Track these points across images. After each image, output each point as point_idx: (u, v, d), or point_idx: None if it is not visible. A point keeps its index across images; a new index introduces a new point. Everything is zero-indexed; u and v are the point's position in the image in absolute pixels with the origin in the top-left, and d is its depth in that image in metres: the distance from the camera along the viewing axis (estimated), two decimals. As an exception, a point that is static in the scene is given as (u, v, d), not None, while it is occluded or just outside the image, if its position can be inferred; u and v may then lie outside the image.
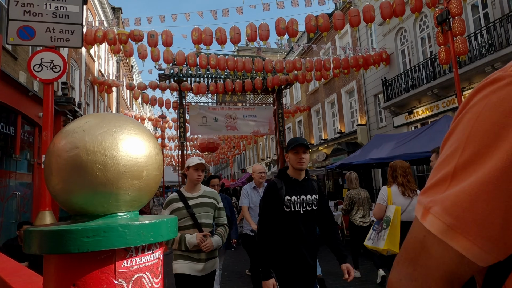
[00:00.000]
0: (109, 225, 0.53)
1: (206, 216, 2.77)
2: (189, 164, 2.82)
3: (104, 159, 0.57)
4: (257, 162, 33.84)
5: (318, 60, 12.69)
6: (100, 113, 0.65)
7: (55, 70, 3.19)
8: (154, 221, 0.57)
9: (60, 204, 0.61)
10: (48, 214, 2.97)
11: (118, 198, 0.59)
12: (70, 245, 0.51)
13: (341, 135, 16.78)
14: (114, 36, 9.87)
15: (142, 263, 0.58)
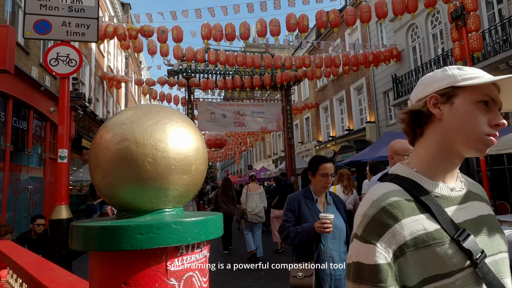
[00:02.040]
0: (163, 222, 0.50)
1: None
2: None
3: (155, 152, 0.54)
4: (264, 159, 33.84)
5: (327, 56, 12.57)
6: (145, 104, 0.63)
7: (71, 64, 3.19)
8: (205, 218, 0.55)
9: (105, 198, 0.59)
10: (64, 208, 2.98)
11: (167, 193, 0.57)
12: (123, 242, 0.48)
13: (349, 133, 16.66)
14: (124, 31, 9.87)
15: (192, 262, 0.55)
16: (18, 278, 1.48)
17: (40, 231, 5.11)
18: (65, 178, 3.13)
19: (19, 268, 1.30)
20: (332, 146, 18.35)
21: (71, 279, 1.04)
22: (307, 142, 22.88)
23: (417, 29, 12.64)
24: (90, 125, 11.77)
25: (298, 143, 23.80)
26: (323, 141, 19.95)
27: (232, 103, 15.69)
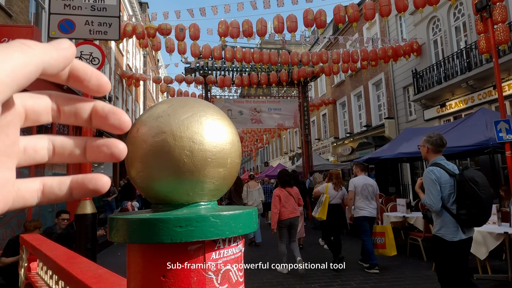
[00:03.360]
0: (201, 215, 0.50)
1: None
2: None
3: (192, 144, 0.54)
4: (280, 156, 33.77)
5: (345, 52, 12.39)
6: (181, 97, 0.62)
7: (94, 62, 3.25)
8: (242, 212, 0.54)
9: (141, 192, 0.59)
10: (88, 203, 3.06)
11: (204, 186, 0.56)
12: (163, 234, 0.48)
13: (367, 129, 16.41)
14: (143, 30, 10.02)
15: (229, 256, 0.55)
16: (48, 270, 1.53)
17: (64, 226, 5.27)
18: (89, 173, 3.20)
19: (50, 260, 1.34)
20: (350, 142, 18.12)
21: (101, 272, 1.06)
22: (324, 138, 22.68)
23: (438, 22, 12.28)
24: (110, 122, 12.04)
25: (315, 140, 23.62)
26: (341, 137, 19.72)
27: (249, 100, 15.71)
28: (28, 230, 4.20)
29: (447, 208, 2.91)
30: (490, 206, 2.84)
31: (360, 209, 5.54)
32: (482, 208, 2.76)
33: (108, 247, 8.24)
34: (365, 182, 5.68)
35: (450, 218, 2.90)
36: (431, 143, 3.08)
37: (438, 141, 3.06)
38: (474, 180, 2.78)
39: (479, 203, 2.74)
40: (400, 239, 7.34)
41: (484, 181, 2.83)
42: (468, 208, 2.80)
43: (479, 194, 2.74)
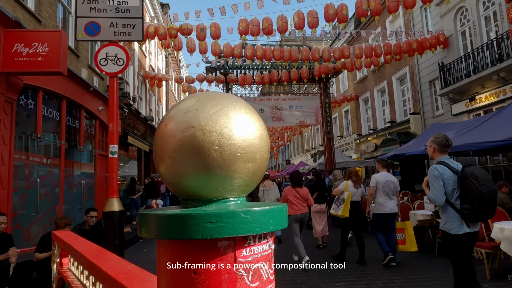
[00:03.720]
0: (232, 211, 0.49)
1: None
2: None
3: (221, 139, 0.53)
4: (302, 153, 33.52)
5: (368, 46, 12.11)
6: (209, 92, 0.62)
7: (119, 63, 3.34)
8: (273, 208, 0.53)
9: (170, 188, 0.58)
10: (116, 201, 3.14)
11: (233, 182, 0.55)
12: (193, 230, 0.47)
13: (392, 125, 16.00)
14: (165, 31, 10.17)
15: (260, 253, 0.53)
16: (79, 265, 1.57)
17: (93, 223, 5.44)
18: (115, 172, 3.29)
19: (81, 256, 1.38)
20: (373, 139, 17.74)
21: (130, 267, 1.07)
22: (347, 135, 22.32)
23: (466, 12, 11.79)
24: (135, 122, 12.31)
25: (337, 137, 23.28)
26: (364, 134, 19.34)
27: (270, 97, 15.66)
28: (59, 227, 4.36)
29: (451, 203, 3.04)
30: (492, 200, 2.91)
31: (380, 205, 5.62)
32: (483, 202, 2.86)
33: (134, 244, 8.46)
34: (387, 178, 5.70)
35: (454, 213, 3.03)
36: (437, 143, 3.23)
37: (444, 142, 3.20)
38: (475, 175, 2.91)
39: (480, 198, 2.85)
40: (428, 238, 7.11)
41: (485, 176, 2.94)
42: (470, 202, 2.91)
43: (479, 189, 2.85)
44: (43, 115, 6.14)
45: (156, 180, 12.23)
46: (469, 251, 3.06)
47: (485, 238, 5.47)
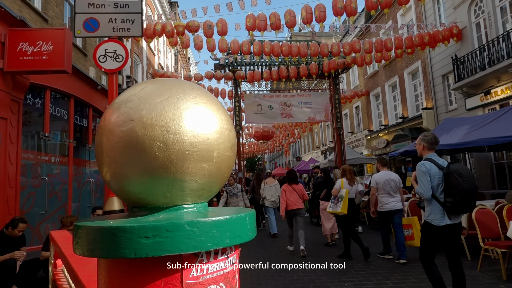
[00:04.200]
0: (174, 223, 0.39)
1: None
2: None
3: (166, 134, 0.43)
4: (312, 150, 33.27)
5: (378, 40, 11.84)
6: (160, 79, 0.52)
7: (118, 60, 3.28)
8: (230, 217, 0.43)
9: (115, 194, 0.49)
10: (116, 200, 3.09)
11: (184, 185, 0.45)
12: (124, 247, 0.38)
13: (403, 120, 15.68)
14: (172, 28, 10.13)
15: (216, 272, 0.44)
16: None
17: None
18: None
19: (65, 259, 1.31)
20: (385, 135, 17.43)
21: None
22: (358, 131, 22.01)
23: (481, 3, 11.41)
24: (144, 120, 12.36)
25: (348, 133, 22.99)
26: (375, 130, 19.03)
27: (279, 94, 15.50)
28: (64, 225, 4.36)
29: (436, 197, 3.34)
30: (473, 195, 3.21)
31: (383, 203, 5.81)
32: (465, 196, 3.14)
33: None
34: (387, 177, 5.86)
35: (438, 206, 3.32)
36: (426, 141, 3.50)
37: (432, 140, 3.48)
38: (459, 172, 3.18)
39: (462, 192, 3.13)
40: None
41: (468, 173, 3.22)
42: (453, 196, 3.19)
43: (462, 185, 3.12)
44: (50, 114, 6.16)
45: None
46: (450, 241, 3.38)
47: (501, 237, 5.27)
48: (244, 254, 6.65)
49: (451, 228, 3.31)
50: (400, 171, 16.06)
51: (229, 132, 0.49)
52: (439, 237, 3.36)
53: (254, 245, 7.62)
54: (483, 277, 4.70)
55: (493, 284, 4.40)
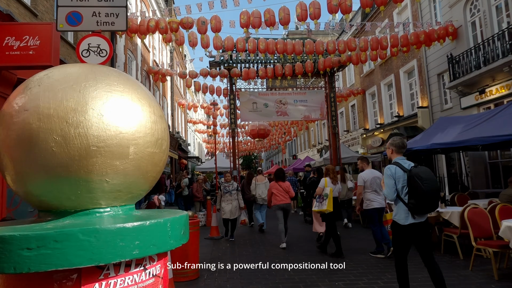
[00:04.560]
0: (63, 231, 0.33)
1: None
2: None
3: (65, 127, 0.37)
4: (308, 148, 33.27)
5: (373, 38, 11.80)
6: (78, 63, 0.45)
7: (102, 54, 3.20)
8: (141, 224, 0.37)
9: (20, 197, 0.43)
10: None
11: (91, 186, 0.39)
12: (2, 260, 0.32)
13: (399, 119, 15.68)
14: (166, 25, 10.02)
15: (129, 286, 0.38)
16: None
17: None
18: None
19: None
20: (380, 134, 17.43)
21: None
22: (353, 130, 22.00)
23: (477, 2, 11.39)
24: (138, 118, 12.25)
25: (344, 132, 22.98)
26: (370, 129, 19.03)
27: (274, 92, 15.43)
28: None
29: (401, 198, 3.57)
30: (434, 197, 3.43)
31: (370, 201, 5.94)
32: (424, 198, 3.39)
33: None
34: (373, 175, 6.00)
35: (403, 206, 3.56)
36: (394, 145, 3.76)
37: (400, 144, 3.75)
38: (419, 175, 3.43)
39: (421, 194, 3.38)
40: (433, 235, 6.90)
41: (428, 176, 3.45)
42: (414, 198, 3.44)
43: (421, 187, 3.37)
44: (39, 110, 6.07)
45: (159, 175, 12.18)
46: (417, 238, 3.58)
47: (493, 237, 5.25)
48: (236, 253, 6.60)
49: (416, 226, 3.52)
50: (395, 169, 16.03)
51: (154, 125, 0.43)
52: (405, 235, 3.58)
53: (247, 243, 7.58)
54: (475, 276, 4.69)
55: (484, 284, 4.39)
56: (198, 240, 5.14)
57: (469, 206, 5.60)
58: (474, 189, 10.26)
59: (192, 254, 4.85)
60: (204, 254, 6.48)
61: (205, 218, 10.70)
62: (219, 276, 5.06)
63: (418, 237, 3.56)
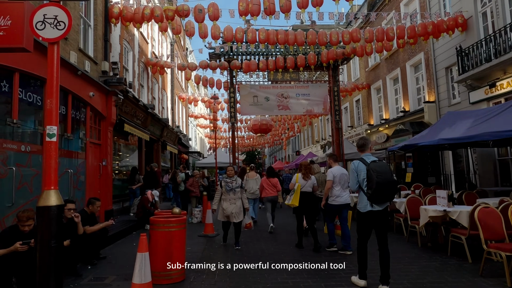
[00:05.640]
0: None
1: None
2: None
3: None
4: (312, 144, 32.81)
5: (379, 29, 11.32)
6: None
7: (59, 27, 2.82)
8: None
9: None
10: (53, 193, 2.64)
11: None
12: None
13: (405, 114, 15.17)
14: (161, 13, 9.62)
15: None
16: None
17: (70, 216, 5.02)
18: (54, 159, 2.78)
19: None
20: (385, 129, 16.94)
21: None
22: (358, 126, 21.52)
23: (488, -9, 10.83)
24: (134, 110, 11.88)
25: (348, 127, 22.50)
26: (375, 124, 18.54)
27: (276, 85, 15.00)
28: (21, 220, 3.93)
29: (362, 189, 4.12)
30: (386, 188, 3.92)
31: (337, 196, 6.06)
32: (378, 188, 3.89)
33: (126, 237, 8.09)
34: (341, 172, 6.18)
35: (363, 196, 4.12)
36: (357, 145, 4.47)
37: (359, 144, 4.39)
38: (374, 169, 3.92)
39: (375, 185, 3.88)
40: (440, 235, 6.48)
41: (382, 169, 3.94)
42: (370, 188, 3.95)
43: (375, 179, 3.87)
44: (20, 99, 5.69)
45: (155, 170, 11.82)
46: (375, 224, 4.10)
47: (505, 239, 4.82)
48: (229, 253, 6.23)
49: (374, 214, 4.04)
50: (400, 166, 15.62)
51: None
52: (365, 221, 4.13)
53: (241, 241, 7.21)
54: (485, 282, 4.27)
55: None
56: (184, 239, 4.76)
57: (479, 205, 5.16)
58: (483, 187, 9.79)
59: (177, 254, 4.47)
60: (194, 253, 6.12)
61: (201, 215, 10.36)
62: (206, 278, 4.69)
63: (376, 223, 4.08)
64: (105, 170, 9.20)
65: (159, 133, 15.87)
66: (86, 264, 5.38)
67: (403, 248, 6.13)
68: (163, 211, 5.71)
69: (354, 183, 4.18)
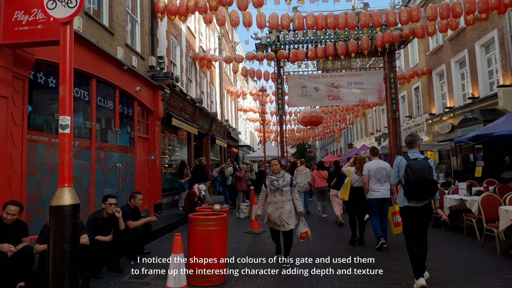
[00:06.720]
0: None
1: None
2: None
3: None
4: (365, 137, 31.15)
5: (444, 5, 10.03)
6: None
7: (71, 5, 2.59)
8: None
9: None
10: (67, 191, 2.42)
11: None
12: None
13: (473, 101, 13.50)
14: (205, 3, 9.41)
15: None
16: None
17: (111, 211, 4.97)
18: (69, 153, 2.56)
19: None
20: (449, 118, 15.29)
21: None
22: (417, 115, 19.80)
23: None
24: (182, 104, 11.94)
25: (406, 118, 20.83)
26: (437, 113, 16.85)
27: (326, 74, 14.18)
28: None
29: (402, 184, 4.17)
30: (421, 186, 3.94)
31: (373, 191, 5.89)
32: (412, 186, 3.97)
33: (172, 231, 8.06)
34: (379, 165, 5.98)
35: (401, 191, 4.20)
36: (405, 141, 4.36)
37: (407, 141, 4.27)
38: (410, 166, 4.00)
39: (410, 183, 3.97)
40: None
41: (418, 167, 3.97)
42: (406, 185, 4.04)
43: (410, 176, 3.97)
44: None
45: (204, 163, 11.80)
46: (410, 220, 4.12)
47: None
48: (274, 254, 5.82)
49: (411, 209, 4.08)
50: (467, 159, 14.00)
51: None
52: (404, 216, 4.19)
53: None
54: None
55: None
56: (225, 238, 4.45)
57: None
58: None
59: (216, 254, 4.16)
60: (238, 251, 5.81)
61: (248, 209, 10.09)
62: (248, 281, 4.33)
63: (414, 219, 4.08)
64: (154, 164, 9.30)
65: (207, 127, 15.93)
66: (130, 259, 5.33)
67: (478, 256, 5.24)
68: (205, 208, 5.47)
69: (394, 178, 4.28)
